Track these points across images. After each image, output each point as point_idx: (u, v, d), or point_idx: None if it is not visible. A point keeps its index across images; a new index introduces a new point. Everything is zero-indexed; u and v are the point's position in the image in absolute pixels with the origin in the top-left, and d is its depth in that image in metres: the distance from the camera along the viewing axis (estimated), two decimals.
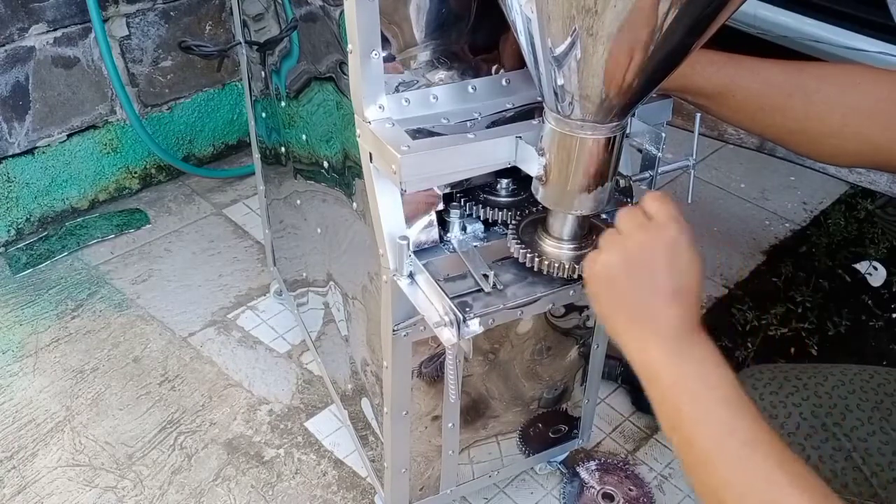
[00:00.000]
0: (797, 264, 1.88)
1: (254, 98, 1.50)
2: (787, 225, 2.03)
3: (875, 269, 1.85)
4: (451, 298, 0.82)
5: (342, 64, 0.92)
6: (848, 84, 0.85)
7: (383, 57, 0.84)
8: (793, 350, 1.66)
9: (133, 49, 1.96)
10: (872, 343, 1.69)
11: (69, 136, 1.94)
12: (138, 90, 2.02)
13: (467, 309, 0.85)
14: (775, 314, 1.74)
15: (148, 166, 2.13)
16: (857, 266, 1.87)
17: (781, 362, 1.63)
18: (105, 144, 2.02)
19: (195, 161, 2.21)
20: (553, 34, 0.69)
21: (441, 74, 0.92)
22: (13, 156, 1.87)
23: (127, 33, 1.94)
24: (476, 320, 0.83)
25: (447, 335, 0.83)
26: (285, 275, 1.65)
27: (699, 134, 0.96)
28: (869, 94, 0.84)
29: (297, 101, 1.20)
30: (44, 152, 1.92)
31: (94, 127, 1.98)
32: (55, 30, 1.81)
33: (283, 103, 1.28)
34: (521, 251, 0.86)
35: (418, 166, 0.82)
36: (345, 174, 1.05)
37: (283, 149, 1.37)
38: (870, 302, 1.78)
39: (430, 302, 0.86)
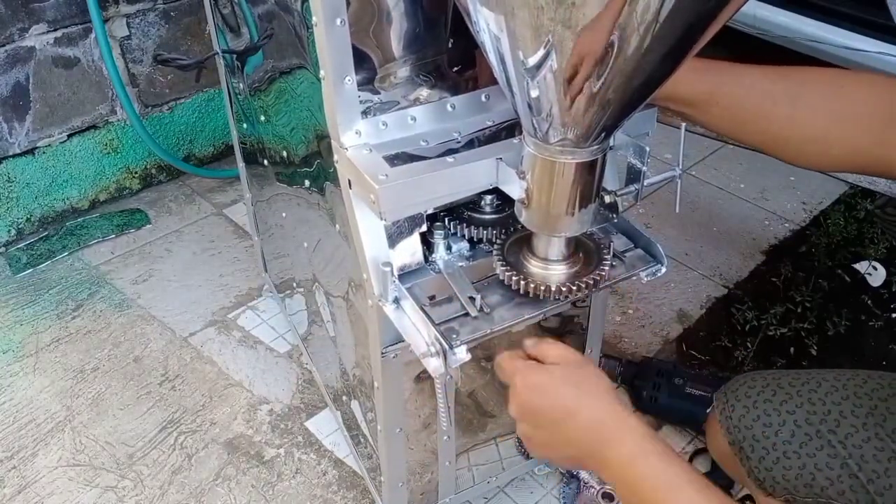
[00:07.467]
0: (797, 264, 1.89)
1: (235, 110, 1.47)
2: (786, 225, 2.03)
3: (875, 269, 1.85)
4: (437, 325, 0.80)
5: (317, 89, 0.89)
6: (832, 89, 0.84)
7: (357, 80, 0.81)
8: (792, 350, 1.66)
9: (133, 49, 1.96)
10: (872, 343, 1.69)
11: (69, 136, 1.95)
12: (139, 90, 2.02)
13: (454, 336, 0.82)
14: (775, 314, 1.74)
15: (148, 166, 2.13)
16: (857, 266, 1.87)
17: (781, 362, 1.63)
18: (105, 144, 2.02)
19: (195, 161, 2.22)
20: (526, 57, 0.65)
21: (419, 94, 0.89)
22: (14, 156, 1.87)
23: (127, 33, 1.94)
24: (463, 347, 0.80)
25: (434, 365, 0.81)
26: (276, 280, 1.65)
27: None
28: (853, 99, 0.83)
29: (278, 122, 1.17)
30: (44, 152, 1.92)
31: (94, 127, 1.98)
32: (55, 30, 1.82)
33: (262, 117, 1.25)
34: (507, 274, 0.84)
35: (397, 196, 0.79)
36: (325, 196, 1.02)
37: (265, 161, 1.34)
38: (869, 302, 1.78)
39: (417, 328, 0.84)
